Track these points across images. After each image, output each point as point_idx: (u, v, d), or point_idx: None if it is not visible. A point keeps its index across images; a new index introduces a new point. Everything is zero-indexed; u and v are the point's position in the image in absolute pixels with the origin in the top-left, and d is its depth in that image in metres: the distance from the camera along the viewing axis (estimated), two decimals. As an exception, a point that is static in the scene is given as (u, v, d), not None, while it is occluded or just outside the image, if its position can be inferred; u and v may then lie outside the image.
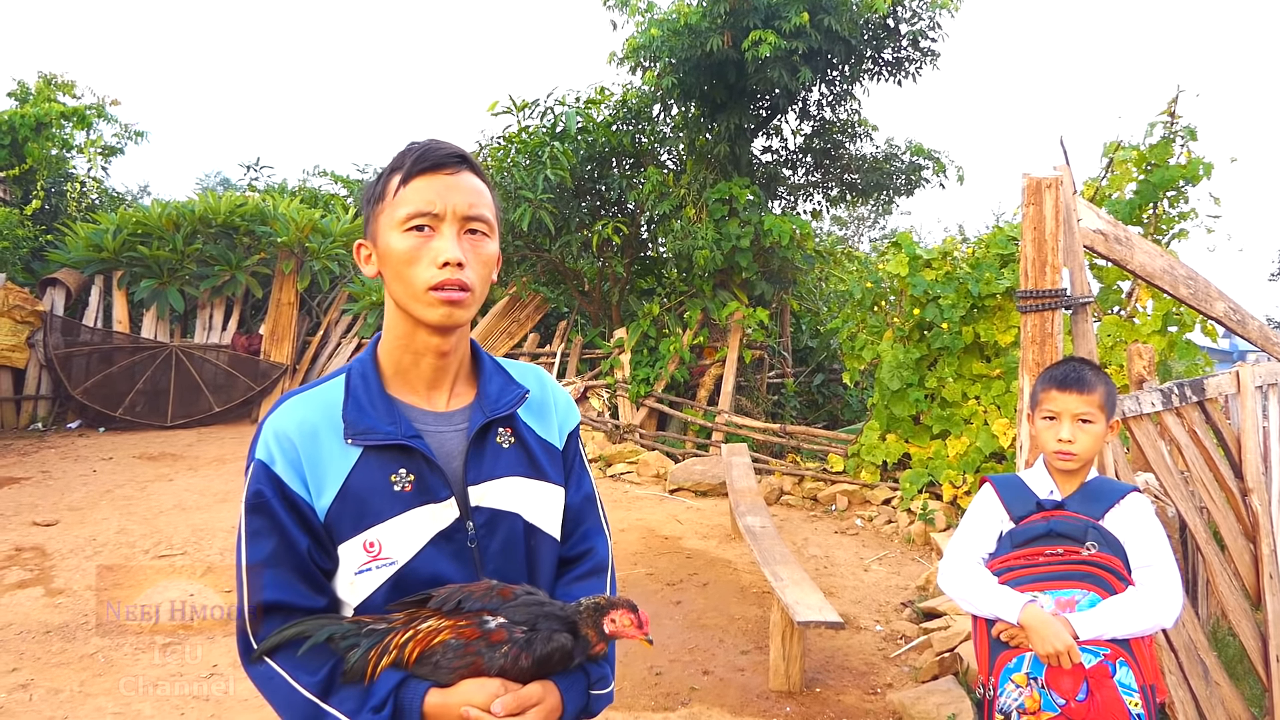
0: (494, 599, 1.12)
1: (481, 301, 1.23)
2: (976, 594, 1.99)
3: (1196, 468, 2.92)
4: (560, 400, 1.40)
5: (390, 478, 1.16)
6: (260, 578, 1.15)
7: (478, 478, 1.22)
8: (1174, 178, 5.50)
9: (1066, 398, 2.03)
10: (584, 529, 1.38)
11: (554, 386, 1.42)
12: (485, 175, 1.26)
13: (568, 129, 9.19)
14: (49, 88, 12.25)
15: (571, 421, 1.40)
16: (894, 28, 9.22)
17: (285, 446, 1.16)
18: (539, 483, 1.29)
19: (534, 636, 1.10)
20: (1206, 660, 2.78)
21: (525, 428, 1.31)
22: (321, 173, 15.49)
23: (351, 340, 10.91)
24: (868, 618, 4.78)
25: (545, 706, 1.12)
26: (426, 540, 1.17)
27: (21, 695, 3.55)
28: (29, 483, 7.00)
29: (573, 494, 1.36)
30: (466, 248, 1.18)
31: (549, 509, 1.31)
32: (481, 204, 1.20)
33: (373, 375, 1.23)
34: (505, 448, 1.27)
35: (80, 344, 9.68)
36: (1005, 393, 6.59)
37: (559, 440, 1.36)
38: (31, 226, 10.70)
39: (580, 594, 1.23)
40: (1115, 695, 1.85)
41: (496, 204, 1.27)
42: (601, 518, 1.42)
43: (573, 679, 1.18)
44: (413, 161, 1.18)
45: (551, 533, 1.31)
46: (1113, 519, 1.98)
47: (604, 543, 1.39)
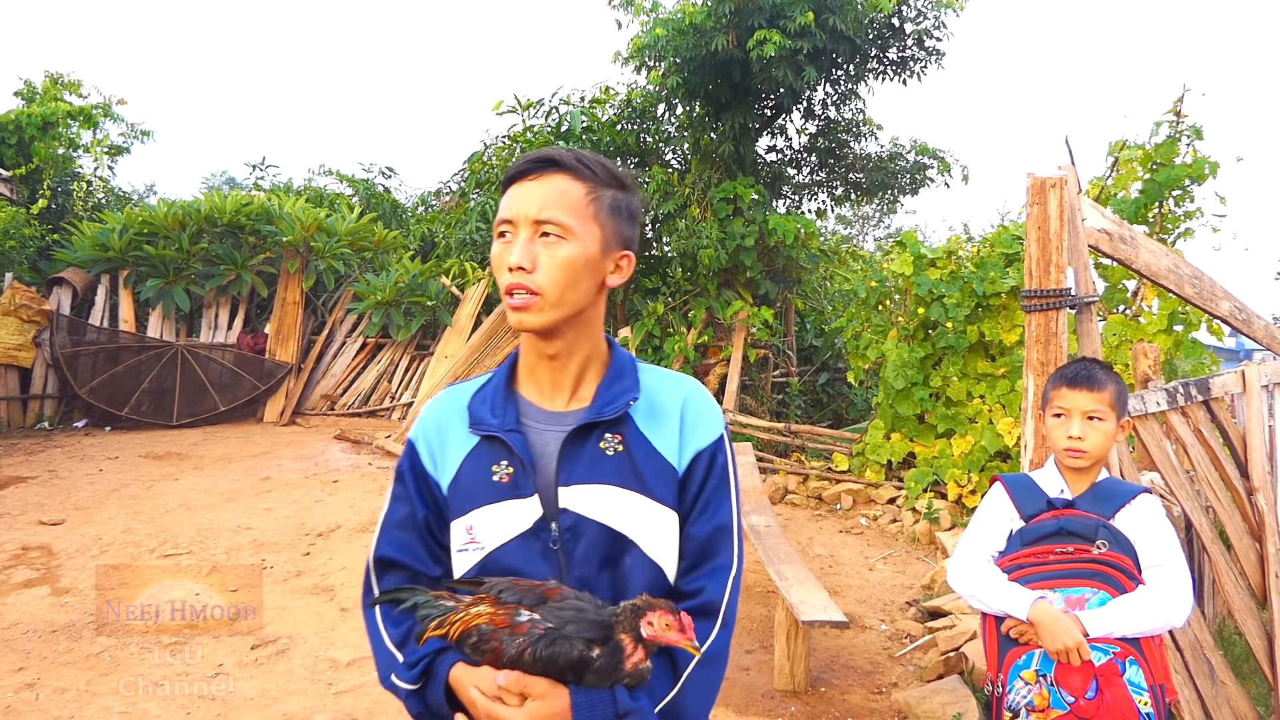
0: (535, 596, 1.11)
1: (566, 306, 1.20)
2: (986, 591, 1.99)
3: (1202, 467, 2.91)
4: (693, 417, 1.27)
5: (492, 467, 1.24)
6: (387, 535, 1.29)
7: (569, 479, 1.21)
8: (1179, 177, 5.49)
9: (1077, 395, 2.03)
10: (706, 566, 1.23)
11: (695, 402, 1.29)
12: (587, 174, 1.22)
13: (572, 128, 9.20)
14: (55, 87, 12.29)
15: (702, 441, 1.26)
16: (899, 27, 9.21)
17: (428, 428, 1.31)
18: (641, 498, 1.21)
19: (551, 636, 1.07)
20: (1212, 659, 2.77)
21: (639, 439, 1.24)
22: (327, 172, 15.51)
23: (356, 339, 10.93)
24: (873, 617, 4.77)
25: (547, 703, 1.08)
26: (513, 534, 1.21)
27: (28, 694, 3.56)
28: (35, 482, 7.03)
29: (698, 524, 1.24)
30: (538, 251, 1.19)
31: (652, 529, 1.21)
32: (556, 206, 1.19)
33: (508, 372, 1.33)
34: (608, 454, 1.22)
35: (86, 343, 9.71)
36: (1010, 392, 6.58)
37: (678, 459, 1.25)
38: (38, 226, 10.73)
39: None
40: (1124, 694, 1.85)
41: (610, 204, 1.24)
42: (733, 557, 1.25)
43: (596, 697, 1.09)
44: (507, 173, 1.24)
45: (652, 554, 1.21)
46: (1123, 519, 1.98)
47: (720, 585, 1.22)
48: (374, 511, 6.44)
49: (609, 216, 1.24)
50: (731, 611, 1.23)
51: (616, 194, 1.26)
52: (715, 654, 1.19)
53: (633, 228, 1.29)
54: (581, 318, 1.25)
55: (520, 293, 1.18)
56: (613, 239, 1.25)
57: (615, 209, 1.25)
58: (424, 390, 10.13)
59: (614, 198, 1.25)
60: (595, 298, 1.26)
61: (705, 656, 1.17)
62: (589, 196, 1.22)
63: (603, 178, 1.24)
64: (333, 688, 3.70)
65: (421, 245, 13.05)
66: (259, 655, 4.00)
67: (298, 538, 5.79)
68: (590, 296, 1.24)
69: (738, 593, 1.25)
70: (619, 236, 1.26)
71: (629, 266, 1.28)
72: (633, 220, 1.29)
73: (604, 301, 1.30)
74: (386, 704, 3.56)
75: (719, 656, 1.20)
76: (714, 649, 1.19)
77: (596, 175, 1.23)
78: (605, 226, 1.23)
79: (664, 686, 1.16)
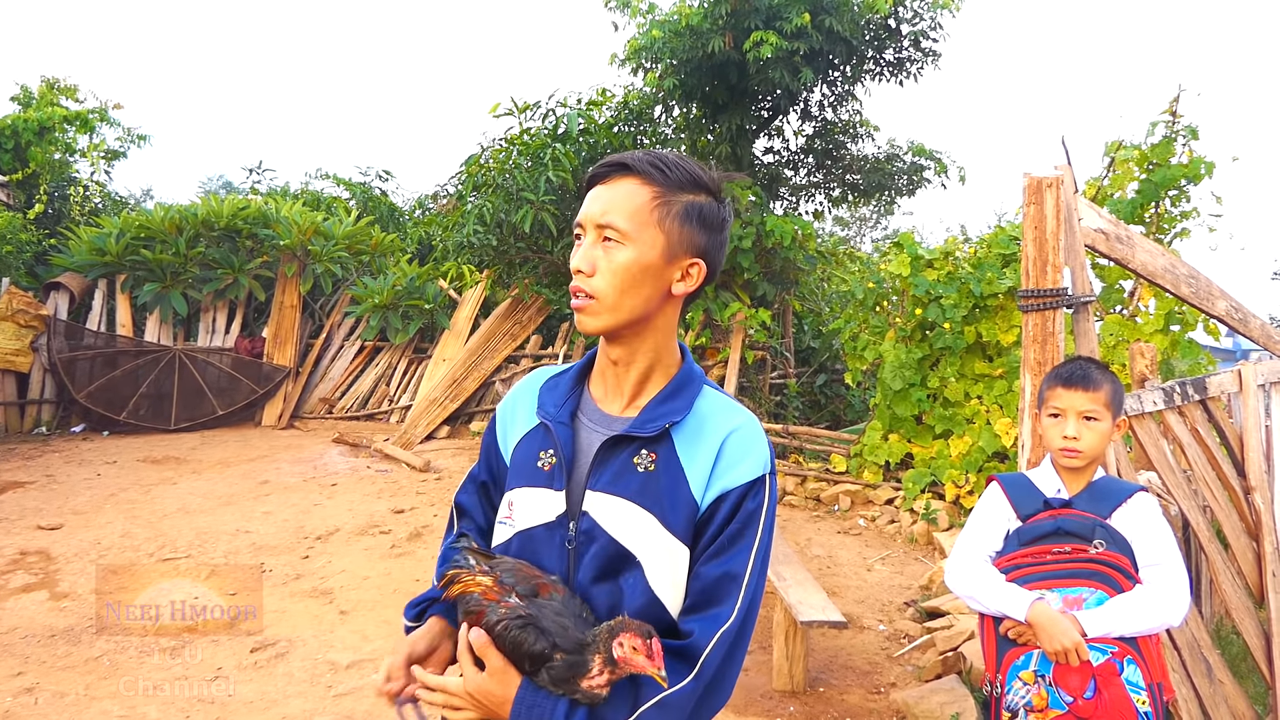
0: (530, 587, 1.15)
1: (624, 311, 1.19)
2: (984, 591, 1.99)
3: (1199, 466, 2.92)
4: (732, 455, 1.20)
5: (540, 453, 1.27)
6: (464, 485, 1.45)
7: (595, 485, 1.21)
8: (1176, 177, 5.50)
9: (1072, 395, 2.04)
10: (704, 611, 1.16)
11: (739, 439, 1.21)
12: (658, 178, 1.19)
13: (569, 130, 9.19)
14: (52, 92, 12.27)
15: (733, 481, 1.18)
16: (895, 28, 9.23)
17: (508, 403, 1.40)
18: (656, 524, 1.17)
19: (525, 621, 1.10)
20: (1210, 658, 2.78)
21: (672, 463, 1.20)
22: (324, 175, 15.50)
23: (354, 343, 10.93)
24: (871, 617, 4.78)
25: (497, 680, 1.12)
26: (539, 521, 1.24)
27: (27, 699, 3.56)
28: (33, 486, 7.02)
29: (708, 564, 1.17)
30: (600, 254, 1.19)
31: (659, 557, 1.17)
32: (618, 210, 1.18)
33: (584, 366, 1.35)
34: (638, 470, 1.19)
35: (84, 348, 9.70)
36: (1007, 392, 6.59)
37: (701, 495, 1.19)
38: (35, 231, 10.72)
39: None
40: (1123, 693, 1.86)
41: (680, 210, 1.20)
42: (733, 609, 1.15)
43: (540, 699, 1.10)
44: (586, 176, 1.26)
45: (654, 582, 1.16)
46: (1120, 518, 1.99)
47: (708, 634, 1.13)
48: (373, 514, 6.44)
49: (677, 222, 1.20)
50: (712, 666, 1.12)
51: (693, 199, 1.21)
52: (674, 701, 1.10)
53: (710, 234, 1.23)
54: (644, 325, 1.22)
55: (579, 295, 1.20)
56: (680, 245, 1.20)
57: (686, 215, 1.20)
58: (422, 393, 10.12)
59: (688, 203, 1.21)
60: (660, 305, 1.22)
61: (665, 700, 1.10)
62: (655, 201, 1.19)
63: (677, 181, 1.20)
64: (332, 690, 3.70)
65: (419, 248, 13.05)
66: (258, 658, 4.00)
67: (296, 541, 5.79)
68: (652, 303, 1.21)
69: (732, 652, 1.15)
70: (688, 243, 1.21)
71: (700, 275, 1.23)
72: (710, 227, 1.23)
73: (674, 310, 1.26)
74: (386, 707, 3.56)
75: (678, 705, 1.11)
76: (675, 697, 1.10)
77: (668, 179, 1.20)
78: (671, 233, 1.19)
79: (618, 713, 1.10)
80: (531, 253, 9.77)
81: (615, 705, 1.11)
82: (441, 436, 9.63)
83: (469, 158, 9.64)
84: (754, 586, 1.17)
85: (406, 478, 7.76)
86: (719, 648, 1.13)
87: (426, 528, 6.14)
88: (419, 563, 5.40)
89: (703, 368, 9.29)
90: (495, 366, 10.14)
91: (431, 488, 7.41)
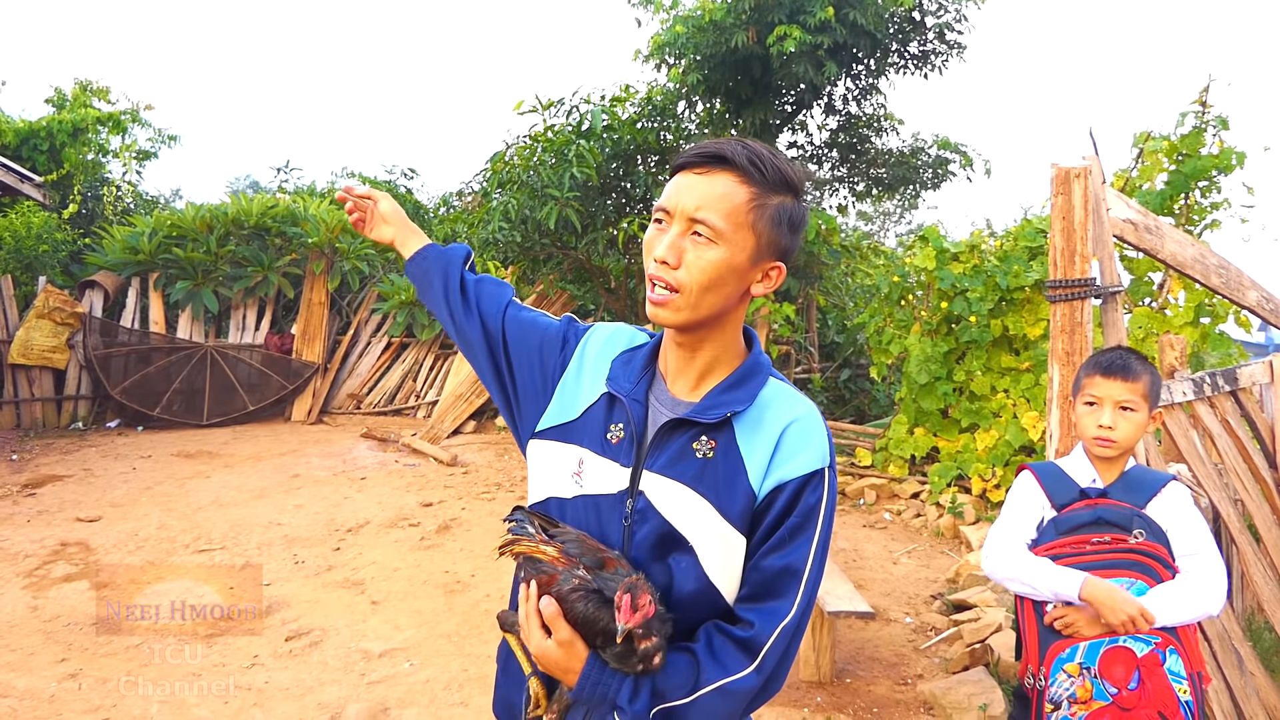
0: (596, 560, 1.16)
1: (704, 308, 1.18)
2: (1031, 574, 1.98)
3: (1230, 458, 2.91)
4: (791, 445, 1.19)
5: (611, 425, 1.26)
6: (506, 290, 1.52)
7: (653, 465, 1.21)
8: (1206, 167, 5.44)
9: (1110, 384, 2.03)
10: (763, 603, 1.16)
11: (799, 429, 1.20)
12: (757, 177, 1.16)
13: (593, 127, 9.22)
14: (85, 94, 12.50)
15: (792, 473, 1.17)
16: (920, 21, 9.17)
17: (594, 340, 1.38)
18: (712, 511, 1.17)
19: (602, 599, 1.10)
20: (1241, 650, 2.77)
21: (732, 451, 1.20)
22: (350, 174, 15.65)
23: (381, 339, 11.04)
24: (897, 610, 4.79)
25: (564, 652, 1.13)
26: (605, 491, 1.24)
27: (71, 684, 3.66)
28: (71, 480, 7.18)
29: (767, 557, 1.17)
30: (687, 247, 1.16)
31: (713, 544, 1.17)
32: (714, 207, 1.14)
33: (655, 345, 1.33)
34: (697, 456, 1.20)
35: (118, 345, 9.88)
36: (1034, 385, 6.56)
37: (759, 485, 1.18)
38: (69, 230, 10.93)
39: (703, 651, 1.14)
40: (1165, 683, 1.86)
41: (773, 212, 1.18)
42: (794, 603, 1.15)
43: (607, 676, 1.12)
44: (677, 158, 1.22)
45: (708, 568, 1.17)
46: (1155, 507, 1.99)
47: (769, 628, 1.14)
48: (401, 507, 6.53)
49: (768, 225, 1.17)
50: (773, 660, 1.14)
51: (784, 201, 1.19)
52: (735, 690, 1.12)
53: (793, 237, 1.22)
54: (717, 320, 1.22)
55: (660, 286, 1.17)
56: (766, 248, 1.19)
57: (778, 218, 1.18)
58: (448, 388, 10.21)
59: (779, 206, 1.18)
60: (736, 304, 1.22)
61: (726, 688, 1.12)
62: (752, 203, 1.16)
63: (773, 183, 1.18)
64: (365, 678, 3.78)
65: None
66: (293, 647, 4.08)
67: (328, 533, 5.88)
68: (730, 302, 1.21)
69: (791, 646, 1.16)
70: (774, 246, 1.19)
71: (779, 277, 1.22)
72: (795, 229, 1.22)
73: (745, 307, 1.26)
74: (418, 693, 3.63)
75: (740, 695, 1.13)
76: (738, 685, 1.12)
77: (766, 179, 1.17)
78: (762, 235, 1.17)
79: (677, 691, 1.12)
80: (556, 249, 9.82)
81: (676, 683, 1.12)
82: (468, 431, 9.72)
83: (494, 155, 9.70)
84: (813, 581, 1.17)
85: (434, 472, 7.85)
86: (779, 642, 1.14)
87: (455, 520, 6.22)
88: (448, 555, 5.47)
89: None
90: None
91: (459, 481, 7.49)
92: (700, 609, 1.18)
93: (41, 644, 4.06)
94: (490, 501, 6.88)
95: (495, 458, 8.47)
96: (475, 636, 4.22)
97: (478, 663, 3.92)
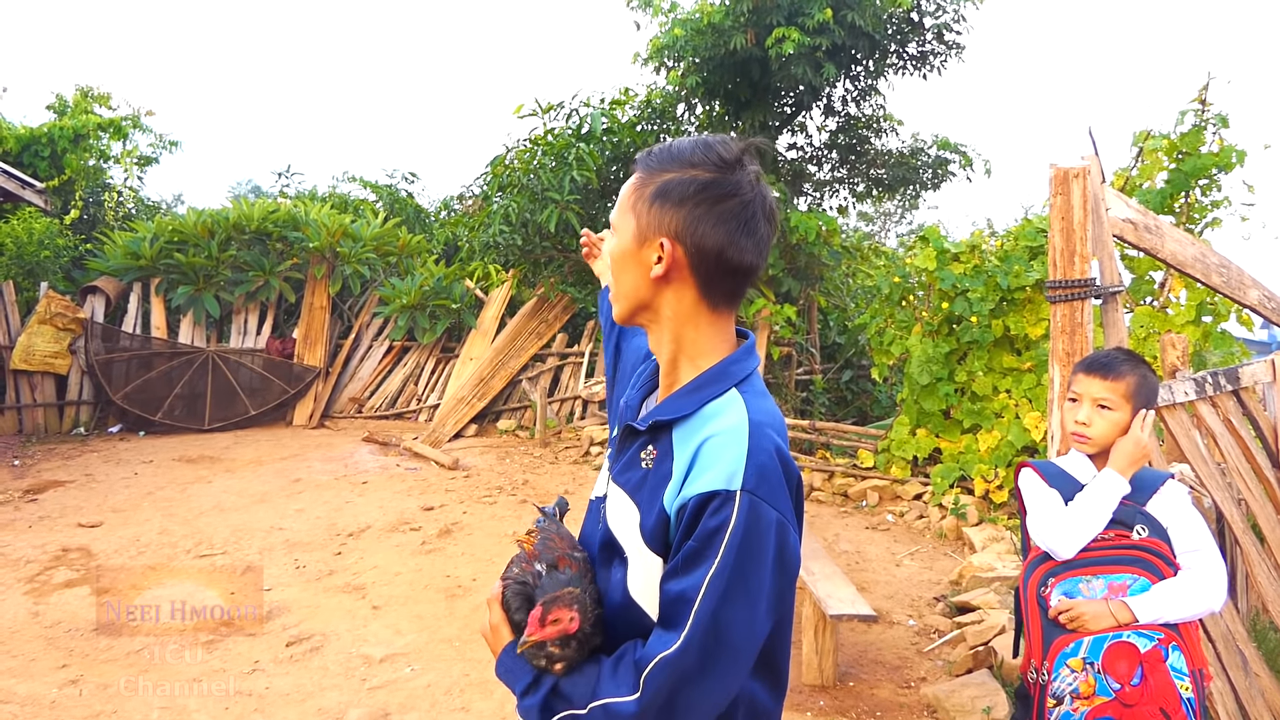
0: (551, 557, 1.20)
1: (625, 300, 1.20)
2: (1087, 517, 1.98)
3: (1233, 458, 2.89)
4: (704, 459, 1.06)
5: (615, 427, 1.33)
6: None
7: (614, 470, 1.23)
8: (1206, 166, 5.43)
9: (1090, 381, 2.08)
10: (660, 631, 1.04)
11: (715, 443, 1.07)
12: (645, 163, 1.18)
13: (593, 130, 9.24)
14: (86, 100, 12.52)
15: (696, 489, 1.03)
16: (918, 21, 9.17)
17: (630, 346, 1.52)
18: (638, 527, 1.12)
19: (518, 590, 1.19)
20: (1246, 651, 2.75)
21: (666, 466, 1.11)
22: (351, 178, 15.66)
23: (383, 343, 11.04)
24: (900, 612, 4.77)
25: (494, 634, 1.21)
26: (596, 493, 1.31)
27: (72, 690, 3.65)
28: (73, 485, 7.18)
29: (666, 580, 1.06)
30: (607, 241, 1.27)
31: (638, 560, 1.12)
32: (618, 204, 1.20)
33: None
34: (642, 465, 1.16)
35: (120, 350, 9.88)
36: (1036, 386, 6.54)
37: (671, 504, 1.08)
38: (71, 236, 10.94)
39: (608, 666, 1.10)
40: (1168, 679, 1.87)
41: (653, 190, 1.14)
42: (677, 638, 1.00)
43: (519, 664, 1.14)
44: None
45: (631, 584, 1.12)
46: (1156, 505, 2.01)
47: (650, 655, 1.02)
48: (403, 512, 6.52)
49: (650, 203, 1.13)
50: (653, 692, 1.00)
51: (671, 176, 1.13)
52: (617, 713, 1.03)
53: (684, 209, 1.11)
54: (649, 312, 1.19)
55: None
56: (649, 227, 1.13)
57: (662, 193, 1.12)
58: (450, 392, 10.21)
59: (665, 181, 1.13)
60: (653, 291, 1.16)
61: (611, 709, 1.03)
62: (635, 189, 1.17)
63: (658, 161, 1.16)
64: (366, 683, 3.77)
65: (445, 249, 13.16)
66: (294, 652, 4.08)
67: (329, 538, 5.88)
68: (642, 290, 1.16)
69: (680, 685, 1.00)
70: (656, 223, 1.12)
71: (671, 253, 1.12)
72: (681, 200, 1.11)
73: (679, 298, 1.15)
74: (419, 698, 3.62)
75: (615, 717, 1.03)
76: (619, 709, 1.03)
77: (650, 161, 1.17)
78: (640, 215, 1.14)
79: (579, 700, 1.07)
80: (557, 251, 9.82)
81: (580, 692, 1.08)
82: (469, 435, 9.72)
83: (494, 158, 9.71)
84: (707, 615, 0.99)
85: (436, 475, 7.85)
86: (660, 672, 1.00)
87: (456, 524, 6.21)
88: (449, 559, 5.47)
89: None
90: (521, 365, 10.21)
91: (460, 485, 7.48)
92: (625, 624, 1.12)
93: (42, 650, 4.05)
94: (491, 505, 6.87)
95: (497, 461, 8.47)
96: (476, 641, 4.21)
97: (479, 667, 3.91)
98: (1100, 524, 1.98)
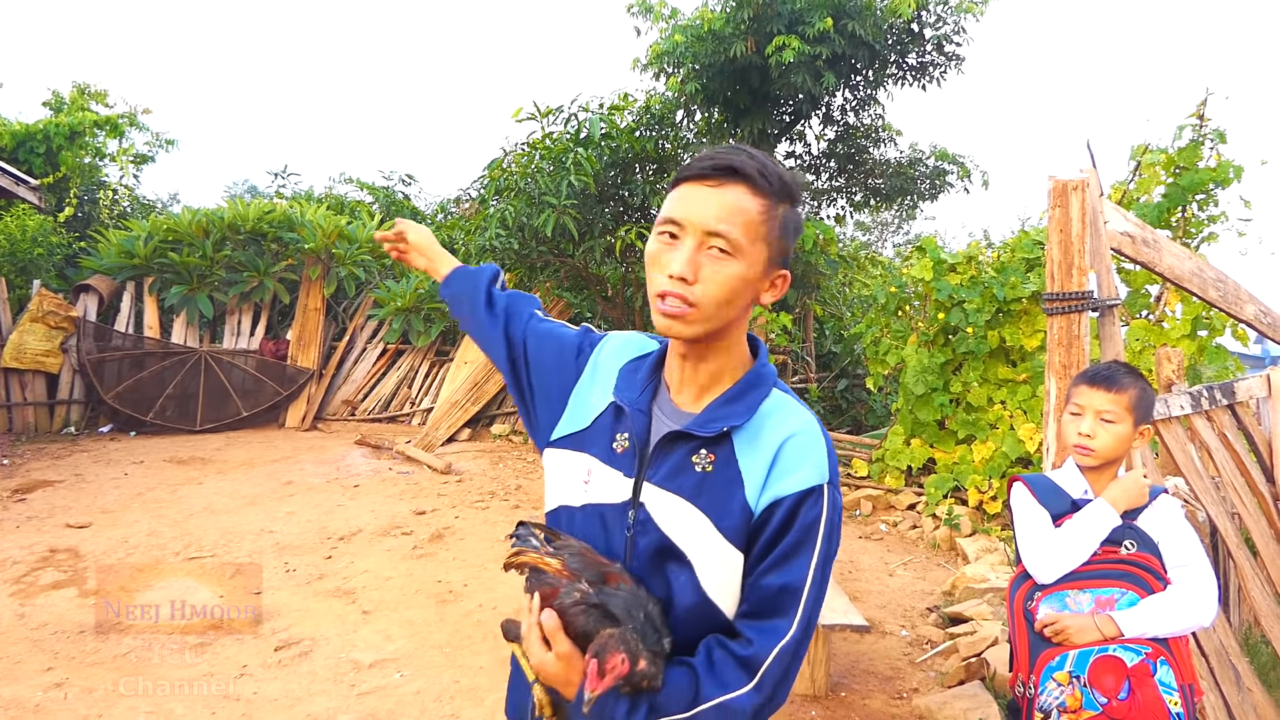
0: (597, 574, 1.15)
1: (718, 320, 1.17)
2: (1075, 535, 1.98)
3: (1227, 472, 2.89)
4: (788, 460, 1.16)
5: (617, 434, 1.27)
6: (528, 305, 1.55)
7: (653, 477, 1.21)
8: (1203, 181, 5.44)
9: (1094, 394, 2.06)
10: (763, 621, 1.14)
11: (796, 444, 1.18)
12: (767, 189, 1.15)
13: (591, 135, 9.23)
14: (82, 97, 12.49)
15: (788, 489, 1.15)
16: (918, 32, 9.21)
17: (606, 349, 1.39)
18: (710, 526, 1.16)
19: (603, 614, 1.10)
20: (1238, 666, 2.75)
21: (730, 466, 1.18)
22: (347, 180, 15.66)
23: (377, 346, 11.01)
24: (893, 623, 4.76)
25: (563, 666, 1.13)
26: (609, 501, 1.24)
27: (57, 694, 3.61)
28: (62, 485, 7.12)
29: (766, 575, 1.14)
30: (703, 263, 1.14)
31: (711, 560, 1.16)
32: (732, 221, 1.13)
33: (660, 354, 1.33)
34: (696, 470, 1.19)
35: (112, 349, 9.83)
36: (1031, 397, 6.54)
37: (755, 501, 1.16)
38: (65, 234, 10.88)
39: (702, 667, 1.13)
40: (1156, 694, 1.86)
41: (780, 222, 1.17)
42: (793, 622, 1.13)
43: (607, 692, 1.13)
44: (682, 168, 1.20)
45: (706, 584, 1.17)
46: (1147, 519, 2.00)
47: (768, 646, 1.12)
48: (394, 516, 6.49)
49: (778, 235, 1.18)
50: (772, 678, 1.11)
51: (789, 210, 1.19)
52: (736, 708, 1.11)
53: (793, 243, 1.23)
54: (725, 331, 1.21)
55: (676, 302, 1.14)
56: (775, 258, 1.19)
57: (784, 227, 1.18)
58: (443, 396, 10.18)
59: (785, 215, 1.18)
60: (744, 313, 1.21)
61: (726, 704, 1.10)
62: (764, 215, 1.15)
63: (780, 193, 1.17)
64: (355, 689, 3.73)
65: (441, 252, 13.11)
66: (282, 656, 4.04)
67: (319, 541, 5.84)
68: (741, 312, 1.20)
69: (791, 665, 1.13)
70: (782, 255, 1.20)
71: (783, 285, 1.22)
72: (796, 236, 1.23)
73: (748, 316, 1.25)
74: (408, 705, 3.59)
75: (739, 713, 1.11)
76: (738, 703, 1.11)
77: (774, 191, 1.16)
78: (772, 245, 1.17)
79: (676, 707, 1.11)
80: (553, 256, 9.81)
81: (676, 699, 1.11)
82: (463, 439, 9.68)
83: (491, 162, 9.70)
84: (814, 599, 1.14)
85: (428, 479, 7.81)
86: (779, 661, 1.12)
87: (448, 529, 6.18)
88: (440, 564, 5.43)
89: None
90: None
91: (453, 490, 7.45)
92: (699, 623, 1.17)
93: (28, 652, 4.01)
94: (484, 510, 6.84)
95: (489, 466, 8.44)
96: (467, 647, 4.19)
97: (469, 674, 3.88)
98: (1085, 554, 1.98)
